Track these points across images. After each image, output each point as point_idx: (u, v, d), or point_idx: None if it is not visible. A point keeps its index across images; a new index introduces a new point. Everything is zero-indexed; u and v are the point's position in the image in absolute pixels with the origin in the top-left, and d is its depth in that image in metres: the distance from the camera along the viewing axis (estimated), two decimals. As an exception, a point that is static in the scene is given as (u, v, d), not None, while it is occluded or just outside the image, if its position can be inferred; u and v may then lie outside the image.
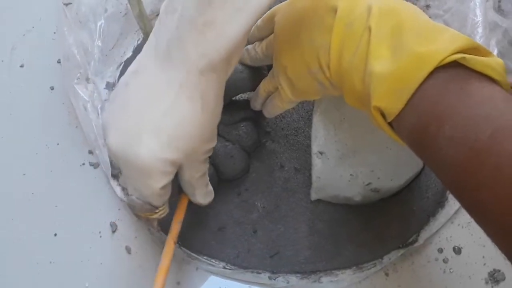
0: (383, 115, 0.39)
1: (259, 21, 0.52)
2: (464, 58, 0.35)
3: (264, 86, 0.53)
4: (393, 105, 0.37)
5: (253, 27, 0.53)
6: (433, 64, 0.35)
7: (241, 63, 0.56)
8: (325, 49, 0.42)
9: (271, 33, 0.50)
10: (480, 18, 0.60)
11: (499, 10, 0.66)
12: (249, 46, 0.54)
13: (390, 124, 0.40)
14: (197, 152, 0.44)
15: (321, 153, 0.52)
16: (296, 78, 0.47)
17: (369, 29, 0.39)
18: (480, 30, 0.61)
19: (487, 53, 0.37)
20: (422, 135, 0.36)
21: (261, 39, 0.53)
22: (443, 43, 0.36)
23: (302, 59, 0.45)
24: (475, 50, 0.36)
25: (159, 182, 0.43)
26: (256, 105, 0.56)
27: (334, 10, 0.42)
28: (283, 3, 0.49)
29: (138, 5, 0.48)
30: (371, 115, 0.40)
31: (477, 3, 0.62)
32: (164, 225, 0.52)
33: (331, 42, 0.41)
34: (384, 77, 0.37)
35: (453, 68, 0.36)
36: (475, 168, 0.33)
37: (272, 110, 0.54)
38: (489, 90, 0.35)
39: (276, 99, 0.52)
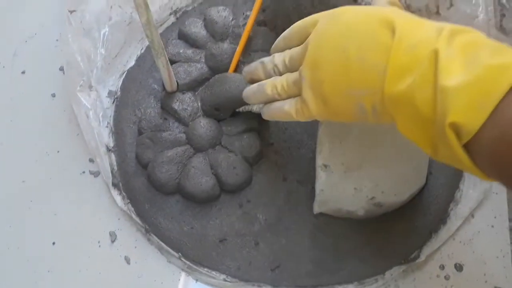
0: (457, 136, 0.36)
1: (287, 31, 0.49)
2: None
3: (274, 87, 0.49)
4: (474, 120, 0.34)
5: (279, 38, 0.50)
6: None
7: (252, 79, 0.53)
8: (380, 71, 0.39)
9: (299, 44, 0.47)
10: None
11: (501, 28, 0.67)
12: (266, 59, 0.51)
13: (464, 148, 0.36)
14: None
15: (325, 166, 0.52)
16: (333, 96, 0.43)
17: (437, 51, 0.36)
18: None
19: None
20: (507, 150, 0.34)
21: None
22: None
23: (346, 77, 0.41)
24: None
25: None
26: (253, 100, 0.53)
27: (390, 28, 0.40)
28: (325, 12, 0.46)
29: (146, 13, 0.48)
30: (439, 140, 0.37)
31: (480, 21, 0.63)
32: (153, 228, 0.52)
33: (389, 63, 0.39)
34: (462, 91, 0.34)
35: None
36: None
37: (277, 116, 0.50)
38: None
39: (289, 109, 0.48)
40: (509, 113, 0.33)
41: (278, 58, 0.49)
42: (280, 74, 0.49)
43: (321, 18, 0.46)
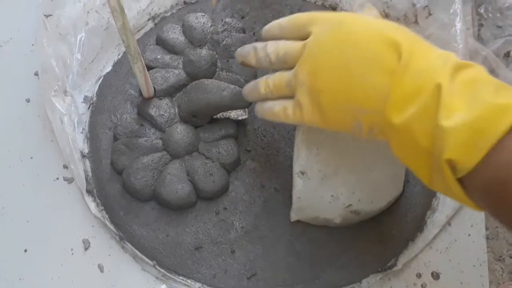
0: (453, 170, 0.36)
1: (284, 20, 0.47)
2: None
3: (267, 85, 0.47)
4: (469, 158, 0.35)
5: (275, 24, 0.48)
6: None
7: (244, 63, 0.50)
8: (381, 93, 0.39)
9: (297, 39, 0.45)
10: (461, 45, 0.61)
11: (479, 38, 0.67)
12: (258, 45, 0.48)
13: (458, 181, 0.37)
14: None
15: (302, 173, 0.51)
16: (331, 107, 0.42)
17: (440, 85, 0.37)
18: (460, 57, 0.61)
19: None
20: (501, 189, 0.34)
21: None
22: None
23: (346, 92, 0.41)
24: None
25: None
26: (250, 98, 0.51)
27: (397, 50, 0.39)
28: (326, 14, 0.45)
29: (122, 18, 0.48)
30: (435, 171, 0.38)
31: (458, 31, 0.63)
32: (128, 236, 0.51)
33: (393, 89, 0.39)
34: (460, 128, 0.35)
35: None
36: None
37: (266, 115, 0.49)
38: None
39: (278, 111, 0.47)
40: (504, 155, 0.34)
41: (271, 48, 0.47)
42: (271, 64, 0.47)
43: (321, 22, 0.44)
